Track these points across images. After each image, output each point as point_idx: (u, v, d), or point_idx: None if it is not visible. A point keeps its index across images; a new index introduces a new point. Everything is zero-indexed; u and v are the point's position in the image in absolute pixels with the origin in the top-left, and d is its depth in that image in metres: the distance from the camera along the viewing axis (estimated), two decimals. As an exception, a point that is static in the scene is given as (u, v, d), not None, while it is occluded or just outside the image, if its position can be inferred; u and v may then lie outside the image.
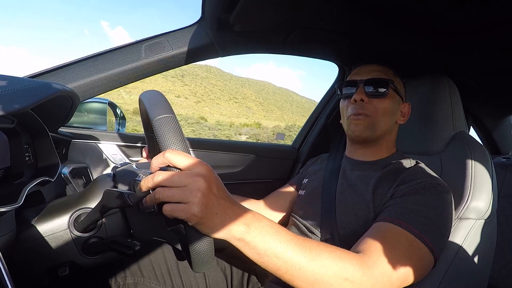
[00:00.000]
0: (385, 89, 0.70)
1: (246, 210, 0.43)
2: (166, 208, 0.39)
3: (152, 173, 0.41)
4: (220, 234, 0.40)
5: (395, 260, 0.48)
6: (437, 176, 0.64)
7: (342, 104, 0.78)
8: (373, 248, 0.49)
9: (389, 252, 0.49)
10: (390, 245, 0.50)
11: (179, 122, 0.42)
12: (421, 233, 0.52)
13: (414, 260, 0.50)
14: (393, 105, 0.72)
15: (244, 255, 0.43)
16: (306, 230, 0.72)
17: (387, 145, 0.75)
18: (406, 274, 0.49)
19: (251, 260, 0.43)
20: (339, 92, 0.79)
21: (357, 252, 0.50)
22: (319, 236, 0.68)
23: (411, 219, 0.54)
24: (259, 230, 0.41)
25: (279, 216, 0.87)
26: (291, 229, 0.76)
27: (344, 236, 0.64)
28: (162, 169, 0.41)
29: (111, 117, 1.26)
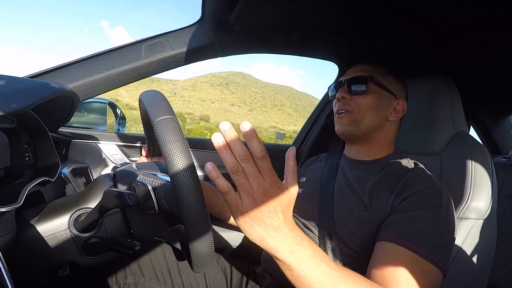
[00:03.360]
0: (364, 85, 0.72)
1: (294, 236, 0.42)
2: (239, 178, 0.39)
3: (154, 174, 0.41)
4: (263, 246, 0.41)
5: None
6: (436, 180, 0.63)
7: (333, 104, 0.80)
8: (391, 280, 0.49)
9: (407, 283, 0.49)
10: (405, 276, 0.50)
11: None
12: (431, 254, 0.52)
13: (428, 286, 0.50)
14: (378, 101, 0.72)
15: (244, 256, 0.43)
16: (304, 228, 0.72)
17: (382, 143, 0.75)
18: None
19: (251, 261, 0.43)
20: (330, 93, 0.83)
21: (374, 281, 0.50)
22: (317, 234, 0.68)
23: (420, 239, 0.53)
24: (298, 259, 0.41)
25: None
26: None
27: (342, 236, 0.64)
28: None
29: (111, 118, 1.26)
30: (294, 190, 0.42)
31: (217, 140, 0.39)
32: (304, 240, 0.43)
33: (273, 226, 0.40)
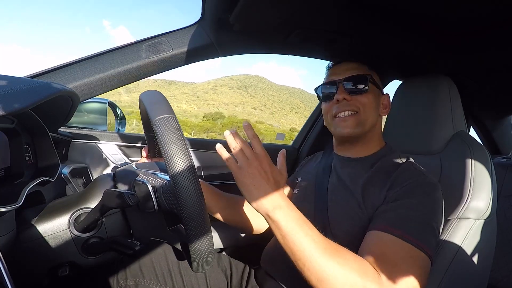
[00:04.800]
0: (365, 85, 0.71)
1: (284, 198, 0.52)
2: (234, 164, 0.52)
3: (154, 173, 0.41)
4: (255, 205, 0.51)
5: (400, 275, 0.48)
6: (427, 173, 0.64)
7: (324, 105, 0.77)
8: (378, 265, 0.49)
9: (393, 268, 0.49)
10: (392, 260, 0.50)
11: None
12: (416, 239, 0.52)
13: (416, 270, 0.50)
14: (375, 98, 0.73)
15: (245, 256, 0.43)
16: None
17: (374, 140, 0.75)
18: (414, 286, 0.49)
19: (251, 261, 0.43)
20: (319, 94, 0.79)
21: None
22: None
23: (406, 226, 0.54)
24: (285, 214, 0.50)
25: None
26: None
27: (337, 235, 0.64)
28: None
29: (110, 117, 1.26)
30: (284, 173, 0.56)
31: (233, 145, 0.53)
32: (291, 205, 0.52)
33: (261, 186, 0.51)
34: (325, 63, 0.86)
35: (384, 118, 0.81)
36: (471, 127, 1.73)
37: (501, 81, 1.02)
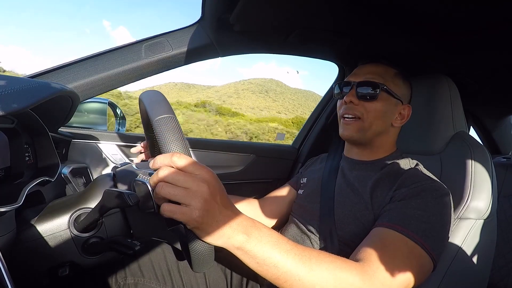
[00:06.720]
0: (375, 92, 0.69)
1: (246, 219, 0.42)
2: (165, 208, 0.38)
3: (153, 171, 0.41)
4: (219, 242, 0.40)
5: (395, 269, 0.47)
6: (436, 178, 0.63)
7: (338, 103, 0.79)
8: (373, 257, 0.49)
9: (390, 261, 0.48)
10: (390, 253, 0.50)
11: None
12: (421, 238, 0.52)
13: (414, 267, 0.50)
14: (386, 107, 0.71)
15: None
16: (305, 229, 0.72)
17: (384, 146, 0.75)
18: (407, 282, 0.49)
19: None
20: (336, 92, 0.80)
21: (357, 260, 0.50)
22: (318, 235, 0.68)
23: (412, 224, 0.53)
24: (258, 240, 0.41)
25: (277, 215, 0.87)
26: (290, 227, 0.77)
27: (343, 237, 0.64)
28: None
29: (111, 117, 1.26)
30: (206, 175, 0.40)
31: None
32: (256, 222, 0.43)
33: (222, 215, 0.40)
34: (326, 63, 0.86)
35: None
36: (471, 127, 1.73)
37: (501, 81, 1.02)
